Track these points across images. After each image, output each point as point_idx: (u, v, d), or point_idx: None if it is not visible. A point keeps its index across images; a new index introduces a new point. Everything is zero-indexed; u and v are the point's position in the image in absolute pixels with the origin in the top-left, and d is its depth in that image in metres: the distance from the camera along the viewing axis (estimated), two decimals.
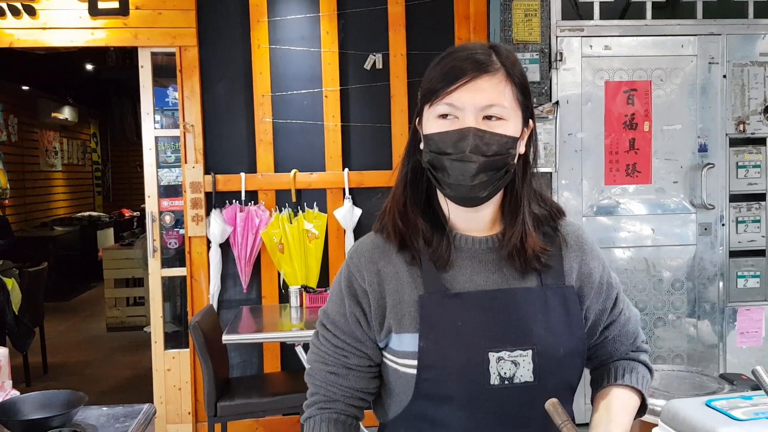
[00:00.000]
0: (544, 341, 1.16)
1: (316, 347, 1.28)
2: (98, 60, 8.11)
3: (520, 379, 1.15)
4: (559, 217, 1.29)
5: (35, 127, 9.66)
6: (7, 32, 3.97)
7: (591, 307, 1.27)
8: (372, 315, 1.22)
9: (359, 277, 1.23)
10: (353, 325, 1.23)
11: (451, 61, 1.17)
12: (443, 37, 4.19)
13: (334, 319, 1.26)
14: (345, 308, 1.24)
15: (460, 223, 1.24)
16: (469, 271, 1.21)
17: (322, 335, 1.28)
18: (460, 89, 1.14)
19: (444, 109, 1.15)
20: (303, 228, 4.06)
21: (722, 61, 3.92)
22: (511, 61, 1.18)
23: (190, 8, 4.06)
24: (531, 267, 1.21)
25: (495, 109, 1.14)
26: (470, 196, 1.16)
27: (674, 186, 3.93)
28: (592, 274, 1.26)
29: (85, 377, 5.57)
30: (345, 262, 1.28)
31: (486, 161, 1.13)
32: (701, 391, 2.06)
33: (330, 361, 1.25)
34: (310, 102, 4.21)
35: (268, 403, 3.43)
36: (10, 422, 1.79)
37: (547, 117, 3.75)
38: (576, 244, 1.28)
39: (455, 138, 1.13)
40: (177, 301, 4.42)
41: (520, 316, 1.17)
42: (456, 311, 1.17)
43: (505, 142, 1.15)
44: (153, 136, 4.23)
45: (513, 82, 1.17)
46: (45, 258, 6.39)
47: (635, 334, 1.35)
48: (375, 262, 1.22)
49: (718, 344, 3.99)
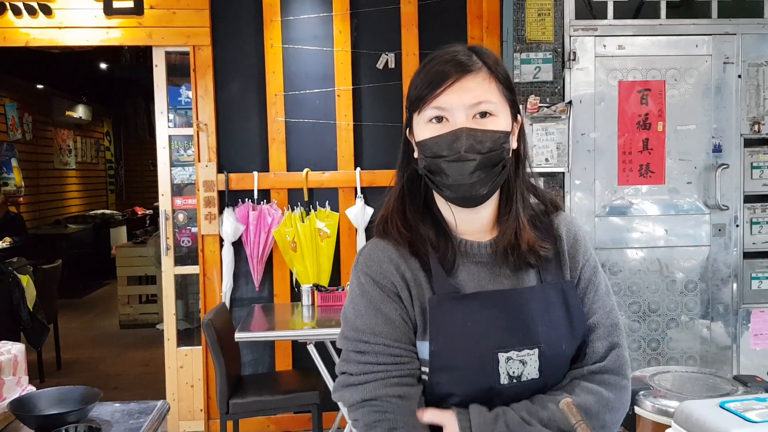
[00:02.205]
0: (548, 339, 1.18)
1: (355, 375, 1.17)
2: (112, 59, 8.17)
3: (527, 376, 1.16)
4: (554, 211, 1.30)
5: (50, 125, 9.74)
6: (23, 31, 4.01)
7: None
8: (411, 312, 1.19)
9: (387, 283, 1.19)
10: (401, 328, 1.17)
11: (434, 66, 1.18)
12: (456, 37, 4.19)
13: (375, 330, 1.17)
14: (382, 316, 1.17)
15: (462, 226, 1.24)
16: (476, 276, 1.21)
17: (360, 360, 1.17)
18: (447, 91, 1.15)
19: (433, 113, 1.16)
20: (315, 227, 4.07)
21: (737, 61, 3.89)
22: (493, 60, 1.19)
23: (204, 7, 4.08)
24: (526, 262, 1.21)
25: (484, 105, 1.15)
26: (470, 195, 1.16)
27: (688, 186, 3.90)
28: (577, 266, 1.27)
29: (98, 373, 5.61)
30: (360, 272, 1.22)
31: (482, 158, 1.14)
32: (715, 393, 2.05)
33: (389, 379, 1.15)
34: (323, 101, 4.22)
35: (280, 401, 3.44)
36: (26, 417, 1.81)
37: (560, 117, 3.74)
38: (567, 236, 1.28)
39: (449, 140, 1.14)
40: (190, 298, 4.45)
41: (525, 317, 1.18)
42: (465, 313, 1.17)
43: (498, 137, 1.16)
44: (167, 134, 4.26)
45: (497, 79, 1.18)
46: (59, 255, 6.45)
47: (607, 347, 1.24)
48: (396, 266, 1.20)
49: (732, 346, 3.97)
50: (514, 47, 3.76)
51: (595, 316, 1.25)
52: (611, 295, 1.29)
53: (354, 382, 1.17)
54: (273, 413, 3.61)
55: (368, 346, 1.17)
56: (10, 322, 4.87)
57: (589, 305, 1.25)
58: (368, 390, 1.15)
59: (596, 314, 1.25)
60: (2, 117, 8.26)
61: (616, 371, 1.22)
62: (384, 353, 1.16)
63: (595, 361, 1.22)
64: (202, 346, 4.20)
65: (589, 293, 1.26)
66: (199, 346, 4.25)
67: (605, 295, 1.27)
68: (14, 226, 7.19)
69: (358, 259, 1.25)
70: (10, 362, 1.97)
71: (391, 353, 1.16)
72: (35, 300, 5.11)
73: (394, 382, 1.14)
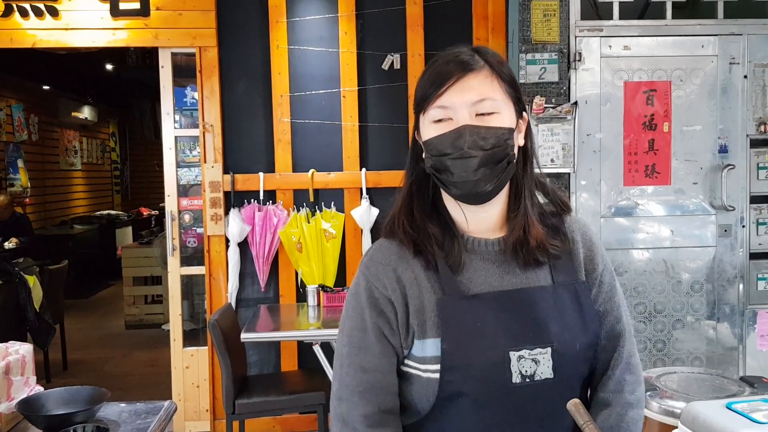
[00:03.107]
0: (561, 338, 1.18)
1: (345, 378, 1.24)
2: (118, 60, 8.20)
3: (541, 376, 1.17)
4: (564, 212, 1.31)
5: (55, 126, 9.77)
6: (30, 33, 4.03)
7: (596, 304, 1.28)
8: (399, 322, 1.21)
9: (380, 286, 1.22)
10: (375, 337, 1.21)
11: (437, 66, 1.20)
12: (461, 38, 4.19)
13: (350, 335, 1.24)
14: (366, 321, 1.22)
15: (470, 225, 1.25)
16: (483, 274, 1.22)
17: (347, 365, 1.24)
18: (449, 90, 1.16)
19: (437, 112, 1.18)
20: (320, 227, 4.08)
21: (743, 62, 3.88)
22: (495, 59, 1.21)
23: (210, 9, 4.09)
24: (535, 259, 1.22)
25: (487, 102, 1.16)
26: (476, 192, 1.17)
27: (694, 187, 3.90)
28: (596, 270, 1.28)
29: (104, 374, 5.62)
30: (360, 273, 1.26)
31: (485, 155, 1.15)
32: (721, 394, 2.04)
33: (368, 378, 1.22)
34: (328, 102, 4.23)
35: (286, 401, 3.45)
36: (34, 417, 1.82)
37: (565, 117, 3.74)
38: (582, 239, 1.29)
39: (452, 138, 1.16)
40: (195, 299, 4.46)
41: (537, 315, 1.18)
42: (475, 312, 1.18)
43: (502, 133, 1.17)
44: (173, 135, 4.27)
45: (500, 77, 1.19)
46: (64, 256, 6.47)
47: (630, 354, 1.29)
48: (394, 268, 1.22)
49: (738, 347, 3.96)
50: (519, 48, 3.76)
51: (623, 320, 1.29)
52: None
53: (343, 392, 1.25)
54: (279, 414, 3.62)
55: (348, 354, 1.24)
56: (17, 323, 4.89)
57: (615, 310, 1.29)
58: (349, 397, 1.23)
59: (623, 319, 1.29)
60: (9, 118, 8.29)
61: (639, 373, 1.31)
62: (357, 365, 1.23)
63: (626, 364, 1.28)
64: (207, 347, 4.21)
65: (613, 297, 1.29)
66: (204, 346, 4.26)
67: (623, 299, 1.32)
68: (20, 226, 7.22)
69: (363, 259, 1.29)
70: (19, 362, 1.98)
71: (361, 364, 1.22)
72: (42, 300, 5.13)
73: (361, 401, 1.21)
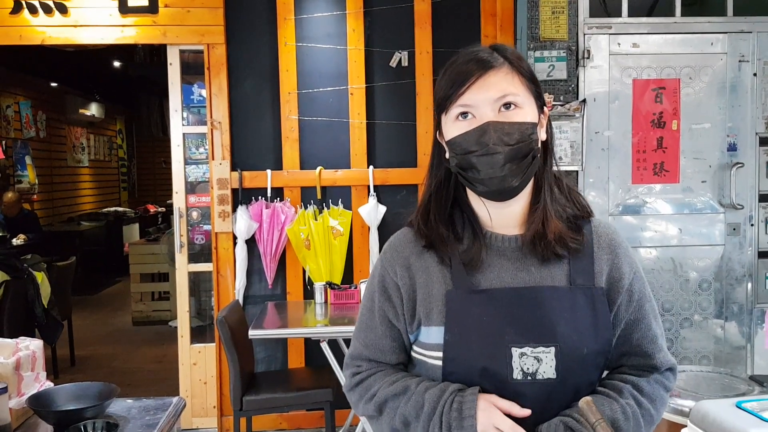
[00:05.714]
0: (568, 339, 1.18)
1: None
2: (126, 57, 8.21)
3: (543, 375, 1.17)
4: (587, 215, 1.30)
5: (63, 123, 9.81)
6: (39, 30, 4.04)
7: (619, 314, 1.26)
8: (404, 308, 1.26)
9: (391, 272, 1.28)
10: (379, 319, 1.29)
11: (457, 66, 1.21)
12: (469, 35, 4.19)
13: (362, 313, 1.34)
14: (374, 304, 1.30)
15: (495, 221, 1.26)
16: (498, 269, 1.23)
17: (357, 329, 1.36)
18: (471, 89, 1.17)
19: (460, 111, 1.19)
20: (328, 225, 4.08)
21: (752, 59, 3.86)
22: (514, 55, 1.22)
23: (218, 6, 4.09)
24: (554, 253, 1.22)
25: (508, 98, 1.18)
26: (503, 188, 1.18)
27: (702, 185, 3.88)
28: (622, 278, 1.26)
29: (112, 370, 5.65)
30: (380, 257, 1.33)
31: (510, 150, 1.16)
32: (730, 393, 2.04)
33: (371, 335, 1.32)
34: (336, 99, 4.23)
35: (293, 398, 3.45)
36: (44, 412, 1.83)
37: (573, 115, 3.73)
38: (608, 246, 1.28)
39: (477, 135, 1.16)
40: (203, 295, 4.47)
41: (544, 314, 1.18)
42: (481, 307, 1.19)
43: (525, 128, 1.17)
44: (181, 132, 4.28)
45: (520, 72, 1.20)
46: (72, 252, 6.50)
47: (656, 351, 1.30)
48: (406, 256, 1.28)
49: (746, 346, 3.94)
50: (527, 45, 3.75)
51: (653, 328, 1.30)
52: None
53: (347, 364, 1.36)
54: (286, 410, 3.62)
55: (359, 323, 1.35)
56: (25, 319, 4.92)
57: (649, 318, 1.29)
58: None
59: (653, 326, 1.30)
60: (17, 115, 8.32)
61: (669, 384, 1.34)
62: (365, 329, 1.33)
63: (666, 365, 1.30)
64: (215, 343, 4.22)
65: (644, 305, 1.29)
66: (212, 343, 4.27)
67: (654, 308, 1.33)
68: (28, 223, 7.26)
69: (387, 242, 1.36)
70: (29, 358, 1.99)
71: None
72: (50, 297, 5.15)
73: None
